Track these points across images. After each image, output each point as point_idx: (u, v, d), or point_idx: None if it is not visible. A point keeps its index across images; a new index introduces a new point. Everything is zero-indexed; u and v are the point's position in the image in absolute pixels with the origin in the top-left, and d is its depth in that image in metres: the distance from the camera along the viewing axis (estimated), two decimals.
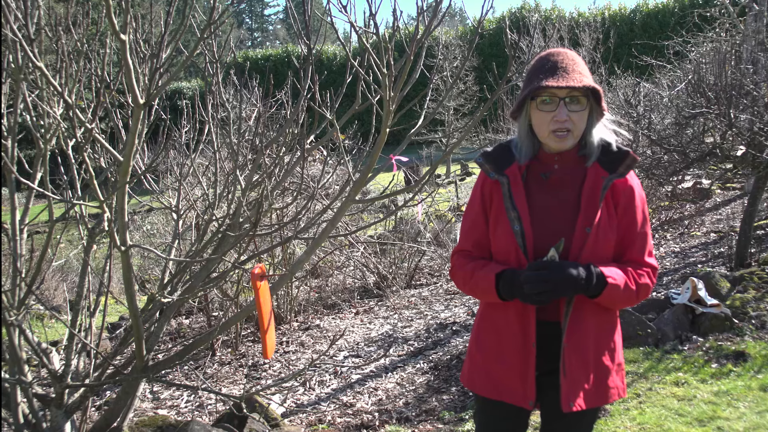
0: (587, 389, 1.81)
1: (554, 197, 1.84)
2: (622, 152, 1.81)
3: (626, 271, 1.79)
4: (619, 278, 1.76)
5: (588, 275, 1.71)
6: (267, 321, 2.12)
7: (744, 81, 5.11)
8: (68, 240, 8.70)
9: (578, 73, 1.75)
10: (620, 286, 1.75)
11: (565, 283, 1.69)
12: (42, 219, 3.32)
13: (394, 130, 2.29)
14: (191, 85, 25.14)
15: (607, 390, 1.85)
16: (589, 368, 1.82)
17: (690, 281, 4.42)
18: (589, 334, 1.81)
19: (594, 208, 1.78)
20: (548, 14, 23.11)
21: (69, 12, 2.79)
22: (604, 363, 1.84)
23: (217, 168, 3.21)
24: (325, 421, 3.69)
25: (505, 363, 1.87)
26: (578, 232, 1.77)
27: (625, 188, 1.81)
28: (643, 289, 1.80)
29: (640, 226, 1.83)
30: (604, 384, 1.84)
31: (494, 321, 1.92)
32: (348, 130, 7.44)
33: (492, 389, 1.91)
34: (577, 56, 1.82)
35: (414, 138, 2.64)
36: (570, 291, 1.72)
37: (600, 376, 1.84)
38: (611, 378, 1.86)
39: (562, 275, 1.69)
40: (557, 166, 1.85)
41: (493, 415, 2.00)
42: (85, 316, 3.00)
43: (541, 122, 1.79)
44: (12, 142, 2.80)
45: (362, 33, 2.22)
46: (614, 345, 1.88)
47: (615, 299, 1.77)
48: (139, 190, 3.90)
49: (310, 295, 6.49)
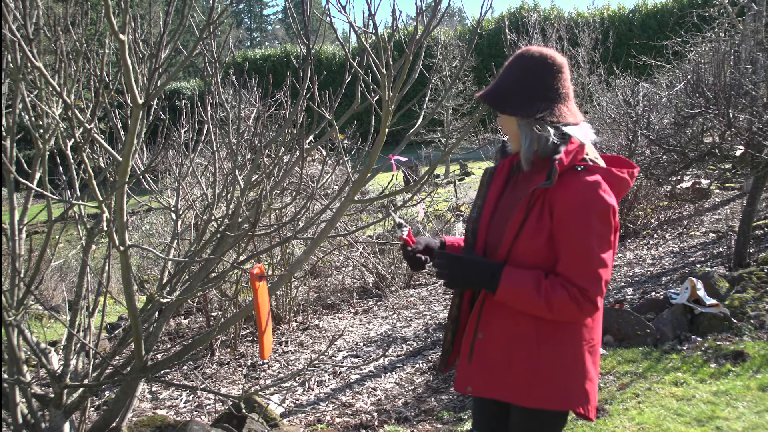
0: (494, 379, 1.86)
1: (513, 197, 1.90)
2: (553, 159, 1.75)
3: (539, 280, 1.73)
4: (522, 284, 1.73)
5: (494, 273, 1.77)
6: (265, 321, 2.12)
7: (743, 81, 5.11)
8: (67, 240, 8.69)
9: (503, 82, 1.82)
10: (519, 292, 1.74)
11: (457, 276, 1.82)
12: (41, 219, 3.32)
13: (393, 130, 2.29)
14: (190, 85, 25.11)
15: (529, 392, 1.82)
16: (508, 362, 1.84)
17: (689, 281, 4.42)
18: (498, 331, 1.86)
19: (520, 213, 1.78)
20: (547, 14, 23.10)
21: (68, 12, 2.79)
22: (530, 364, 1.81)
23: (216, 168, 3.21)
24: (324, 421, 3.69)
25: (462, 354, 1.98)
26: (508, 235, 1.80)
27: (565, 197, 1.71)
28: (557, 304, 1.70)
29: (575, 240, 1.71)
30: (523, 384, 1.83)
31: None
32: (347, 130, 7.44)
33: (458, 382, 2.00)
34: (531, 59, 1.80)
35: (413, 138, 2.64)
36: (464, 284, 1.85)
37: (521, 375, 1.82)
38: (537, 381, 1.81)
39: (456, 267, 1.81)
40: (525, 167, 1.86)
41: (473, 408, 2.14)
42: (84, 316, 3.00)
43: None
44: (11, 142, 2.79)
45: (361, 33, 2.22)
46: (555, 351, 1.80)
47: (514, 303, 1.78)
48: (138, 190, 3.90)
49: (309, 295, 6.49)
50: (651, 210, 7.93)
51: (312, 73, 2.66)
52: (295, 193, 3.46)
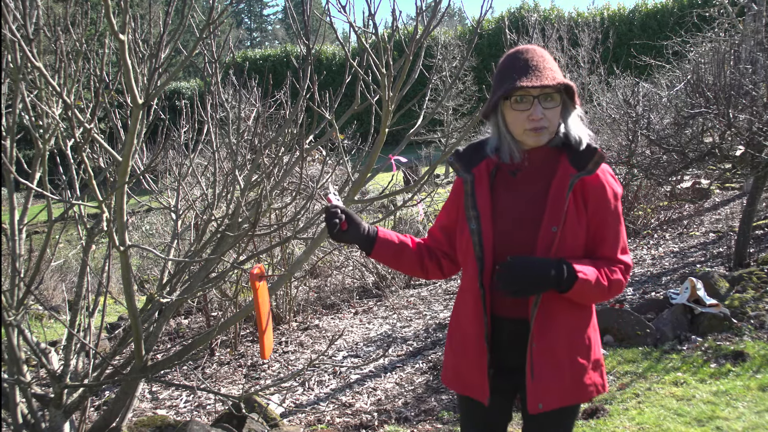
0: (559, 389, 1.80)
1: (521, 196, 1.84)
2: (590, 149, 1.79)
3: (598, 266, 1.78)
4: (591, 273, 1.74)
5: (558, 270, 1.71)
6: (265, 322, 2.11)
7: (743, 81, 5.11)
8: (67, 240, 8.68)
9: (549, 70, 1.75)
10: (590, 281, 1.73)
11: (535, 279, 1.70)
12: (41, 219, 3.32)
13: (393, 130, 2.29)
14: (190, 85, 25.11)
15: (584, 388, 1.83)
16: (563, 368, 1.80)
17: (689, 281, 4.42)
18: (560, 333, 1.80)
19: (560, 206, 1.76)
20: (547, 14, 23.10)
21: (68, 12, 2.79)
22: (578, 361, 1.82)
23: (216, 168, 3.21)
24: (324, 421, 3.69)
25: (467, 358, 1.89)
26: (544, 231, 1.76)
27: (597, 185, 1.79)
28: (615, 284, 1.79)
29: (613, 223, 1.81)
30: (579, 382, 1.82)
31: (458, 316, 1.94)
32: (347, 130, 7.45)
33: (459, 383, 1.94)
34: (545, 52, 1.81)
35: (413, 138, 2.64)
36: (541, 287, 1.72)
37: (575, 374, 1.82)
38: (587, 375, 1.83)
39: (531, 271, 1.70)
40: (527, 164, 1.84)
41: (467, 410, 2.02)
42: (84, 316, 3.00)
43: (515, 121, 1.78)
44: (11, 142, 2.80)
45: (361, 33, 2.22)
46: (589, 341, 1.86)
47: (586, 294, 1.76)
48: (138, 190, 3.90)
49: (309, 295, 6.49)
50: (651, 210, 7.93)
51: (312, 73, 2.66)
52: (295, 193, 3.46)
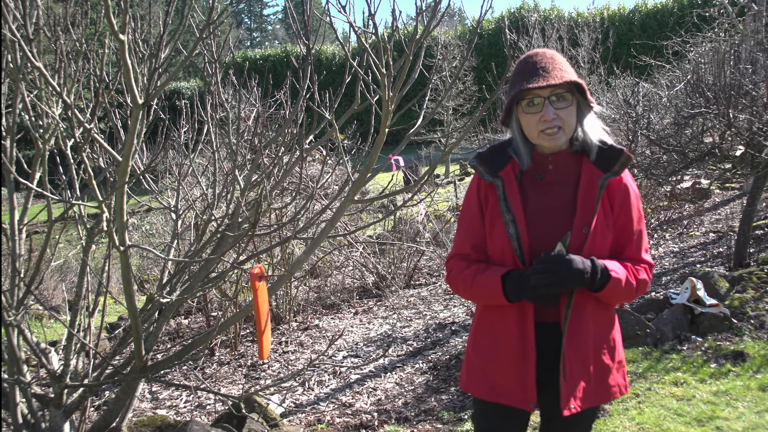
0: (587, 390, 1.82)
1: (549, 198, 1.85)
2: (616, 150, 1.82)
3: (626, 266, 1.82)
4: (621, 273, 1.78)
5: (593, 268, 1.74)
6: (264, 322, 2.12)
7: (743, 81, 5.11)
8: (67, 240, 8.69)
9: (558, 70, 1.76)
10: (622, 280, 1.77)
11: (571, 275, 1.71)
12: (41, 219, 3.32)
13: (393, 130, 2.29)
14: (190, 85, 25.11)
15: (608, 388, 1.86)
16: (590, 369, 1.82)
17: (689, 281, 4.42)
18: (588, 334, 1.82)
19: (590, 208, 1.79)
20: (547, 14, 23.09)
21: (68, 12, 2.79)
22: (604, 362, 1.85)
23: (216, 168, 3.21)
24: (324, 421, 3.69)
25: (503, 365, 1.86)
26: (575, 233, 1.78)
27: (621, 187, 1.83)
28: (641, 284, 1.83)
29: (636, 223, 1.85)
30: (604, 383, 1.85)
31: (492, 323, 1.91)
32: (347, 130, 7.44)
33: (489, 391, 1.91)
34: (557, 54, 1.83)
35: (413, 138, 2.64)
36: (576, 283, 1.73)
37: (601, 375, 1.85)
38: (612, 376, 1.87)
39: (568, 267, 1.71)
40: (551, 167, 1.85)
41: (491, 418, 1.99)
42: (84, 316, 3.00)
43: (529, 124, 1.79)
44: (11, 142, 2.79)
45: (361, 33, 2.22)
46: (614, 343, 1.89)
47: (616, 293, 1.79)
48: (138, 190, 3.90)
49: (309, 295, 6.49)
50: (651, 210, 7.92)
51: (312, 73, 2.66)
52: (295, 193, 3.46)
